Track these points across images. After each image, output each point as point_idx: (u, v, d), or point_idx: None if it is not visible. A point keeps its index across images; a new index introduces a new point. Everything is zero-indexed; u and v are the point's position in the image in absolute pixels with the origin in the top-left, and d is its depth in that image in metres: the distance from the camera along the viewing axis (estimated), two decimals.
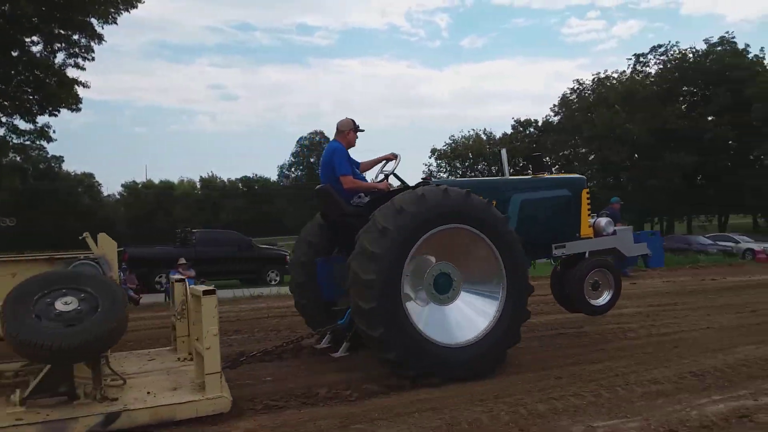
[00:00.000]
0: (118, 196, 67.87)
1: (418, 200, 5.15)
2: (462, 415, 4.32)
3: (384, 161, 6.44)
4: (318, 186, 6.20)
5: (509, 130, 57.50)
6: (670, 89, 43.92)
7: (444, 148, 58.72)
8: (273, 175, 67.58)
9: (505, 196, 6.45)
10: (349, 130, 6.20)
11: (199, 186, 69.16)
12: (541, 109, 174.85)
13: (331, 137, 6.38)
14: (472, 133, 58.96)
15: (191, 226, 29.25)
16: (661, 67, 46.19)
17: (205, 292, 4.26)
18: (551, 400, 4.67)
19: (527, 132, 56.12)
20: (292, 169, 64.76)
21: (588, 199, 7.03)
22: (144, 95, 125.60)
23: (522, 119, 56.79)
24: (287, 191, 61.70)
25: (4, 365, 4.72)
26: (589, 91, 50.37)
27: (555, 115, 54.03)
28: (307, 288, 6.45)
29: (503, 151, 7.28)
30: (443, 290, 5.42)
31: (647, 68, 47.52)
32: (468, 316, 5.45)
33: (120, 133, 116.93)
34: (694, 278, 14.63)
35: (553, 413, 4.37)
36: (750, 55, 42.64)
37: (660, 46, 47.24)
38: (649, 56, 47.46)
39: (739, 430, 3.70)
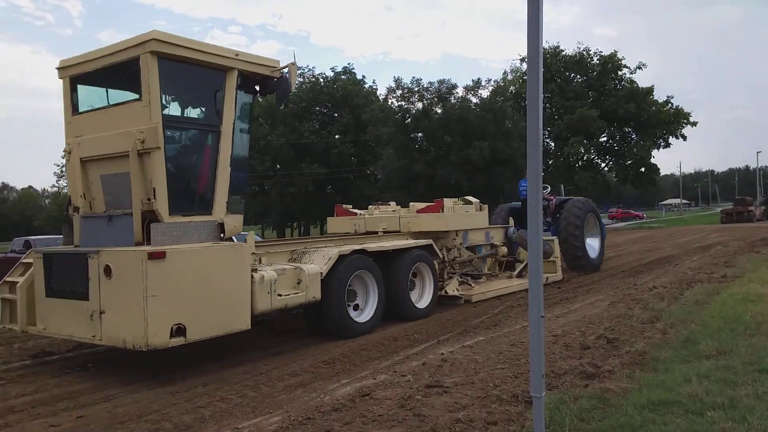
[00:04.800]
0: None
1: (582, 204, 13.14)
2: None
3: (548, 188, 13.55)
4: (524, 198, 12.08)
5: None
6: (305, 108, 48.47)
7: None
8: None
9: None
10: None
11: None
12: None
13: None
14: None
15: None
16: (298, 87, 50.61)
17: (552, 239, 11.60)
18: (198, 408, 4.61)
19: None
20: None
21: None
22: None
23: None
24: None
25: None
26: None
27: None
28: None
29: (561, 186, 15.81)
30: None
31: None
32: (592, 246, 13.16)
33: None
34: None
35: (200, 422, 4.31)
36: (366, 86, 50.40)
37: (298, 67, 51.72)
38: None
39: (363, 407, 4.26)
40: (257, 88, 6.90)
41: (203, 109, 6.51)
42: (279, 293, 6.40)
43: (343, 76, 49.86)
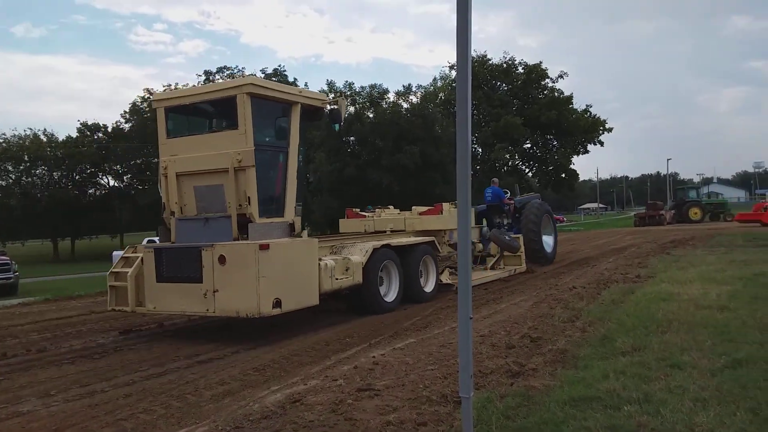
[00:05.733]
0: None
1: (539, 207, 15.24)
2: None
3: (509, 193, 15.47)
4: (489, 203, 14.92)
5: (74, 133, 51.73)
6: None
7: None
8: None
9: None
10: (497, 182, 15.76)
11: None
12: (108, 114, 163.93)
13: None
14: (29, 132, 50.66)
15: None
16: None
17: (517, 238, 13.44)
18: (119, 421, 4.41)
19: (96, 137, 51.58)
20: None
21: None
22: None
23: (89, 123, 51.84)
24: None
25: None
26: None
27: (126, 122, 51.44)
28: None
29: (516, 186, 18.26)
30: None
31: None
32: (548, 242, 15.32)
33: None
34: None
35: None
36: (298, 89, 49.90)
37: (227, 68, 50.37)
38: (217, 76, 50.21)
39: (294, 413, 4.20)
40: (310, 116, 8.48)
41: (277, 135, 8.05)
42: (336, 277, 8.16)
43: (273, 78, 49.18)
